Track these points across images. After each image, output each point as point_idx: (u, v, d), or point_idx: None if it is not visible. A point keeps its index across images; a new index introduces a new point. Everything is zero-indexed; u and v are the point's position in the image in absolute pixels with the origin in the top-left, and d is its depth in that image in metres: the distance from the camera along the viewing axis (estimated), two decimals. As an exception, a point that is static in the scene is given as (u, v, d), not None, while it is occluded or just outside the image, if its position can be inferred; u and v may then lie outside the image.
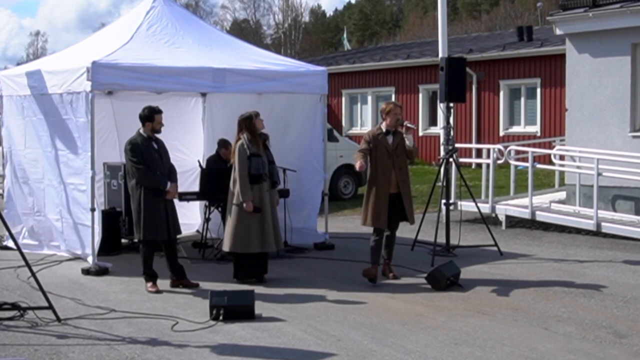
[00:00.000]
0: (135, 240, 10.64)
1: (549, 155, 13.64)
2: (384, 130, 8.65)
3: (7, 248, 10.33)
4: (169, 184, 8.27)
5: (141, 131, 8.37)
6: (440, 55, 12.96)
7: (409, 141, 8.67)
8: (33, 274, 7.22)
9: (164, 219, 8.26)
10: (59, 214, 9.87)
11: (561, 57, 15.82)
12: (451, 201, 11.41)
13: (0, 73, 11.27)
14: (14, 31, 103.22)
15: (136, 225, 8.30)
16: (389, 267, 8.91)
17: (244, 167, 8.41)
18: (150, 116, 8.35)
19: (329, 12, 77.07)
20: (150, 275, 8.33)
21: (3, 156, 11.14)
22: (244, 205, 8.36)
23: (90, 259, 9.19)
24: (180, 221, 8.74)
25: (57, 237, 10.10)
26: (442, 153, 11.07)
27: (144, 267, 8.35)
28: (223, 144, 10.78)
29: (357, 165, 8.42)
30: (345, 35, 40.24)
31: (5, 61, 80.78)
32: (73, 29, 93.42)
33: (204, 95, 11.90)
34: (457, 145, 11.64)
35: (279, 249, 8.89)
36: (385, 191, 8.55)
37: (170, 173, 8.47)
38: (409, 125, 8.68)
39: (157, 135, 8.46)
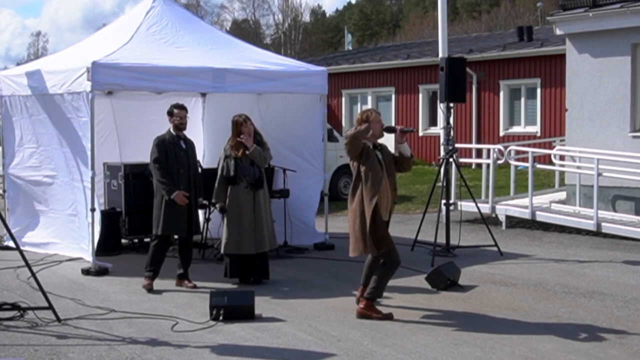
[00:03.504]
0: (135, 240, 10.73)
1: (549, 155, 13.64)
2: (369, 145, 7.10)
3: (7, 248, 10.33)
4: (176, 192, 8.22)
5: (171, 129, 8.55)
6: (440, 55, 12.96)
7: (404, 150, 7.22)
8: (33, 274, 7.22)
9: (183, 216, 8.33)
10: (75, 210, 9.84)
11: (561, 57, 15.83)
12: (451, 201, 11.41)
13: (0, 73, 11.28)
14: (17, 31, 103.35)
15: (155, 220, 8.36)
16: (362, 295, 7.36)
17: (219, 170, 8.64)
18: (170, 111, 8.55)
19: (329, 13, 77.20)
20: (153, 272, 8.32)
21: (3, 156, 11.14)
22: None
23: (90, 259, 9.19)
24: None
25: (70, 233, 10.06)
26: (442, 153, 11.07)
27: (151, 262, 8.33)
28: None
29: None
30: (349, 37, 40.44)
31: (8, 61, 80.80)
32: (78, 29, 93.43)
33: (204, 95, 11.90)
34: (457, 145, 11.64)
35: (260, 251, 8.54)
36: (376, 210, 6.98)
37: (196, 183, 8.57)
38: (405, 129, 7.31)
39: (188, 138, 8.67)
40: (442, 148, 11.10)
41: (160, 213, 8.31)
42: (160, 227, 8.32)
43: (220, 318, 7.00)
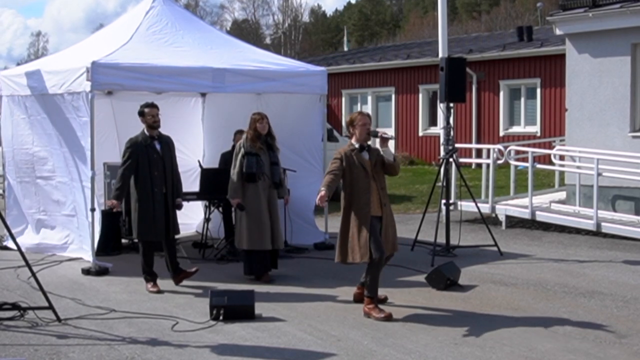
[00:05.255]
0: (135, 240, 10.73)
1: (549, 155, 13.64)
2: (356, 146, 7.36)
3: (7, 248, 10.33)
4: (110, 201, 8.37)
5: (145, 130, 8.43)
6: (440, 55, 12.96)
7: (387, 155, 7.35)
8: (33, 274, 7.22)
9: (160, 220, 8.28)
10: (73, 210, 9.83)
11: (561, 57, 15.82)
12: (451, 201, 11.41)
13: (0, 73, 11.27)
14: (19, 31, 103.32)
15: (133, 224, 8.39)
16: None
17: (236, 165, 8.69)
18: (141, 111, 8.44)
19: (329, 13, 77.19)
20: (151, 275, 8.34)
21: (3, 156, 11.12)
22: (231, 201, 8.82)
23: (90, 259, 9.19)
24: (180, 221, 8.78)
25: (68, 234, 10.05)
26: (442, 153, 11.07)
27: (144, 266, 8.37)
28: (238, 132, 10.80)
29: (318, 198, 7.02)
30: (346, 39, 40.55)
31: (9, 61, 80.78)
32: (80, 29, 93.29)
33: (203, 95, 11.91)
34: (457, 145, 11.63)
35: (276, 248, 8.89)
36: (367, 216, 7.19)
37: (176, 184, 8.53)
38: (385, 135, 7.36)
39: (168, 138, 8.58)
40: (442, 148, 11.10)
41: (135, 218, 8.31)
42: (136, 232, 8.35)
43: (220, 318, 7.00)
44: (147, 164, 8.26)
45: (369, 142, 7.45)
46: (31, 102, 10.24)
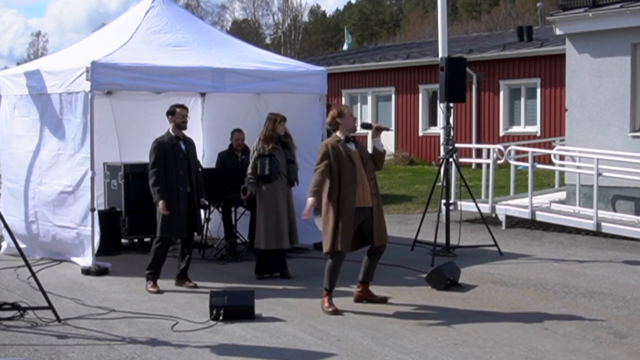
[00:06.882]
0: (135, 240, 10.74)
1: (549, 155, 13.64)
2: (342, 138, 7.42)
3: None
4: (160, 202, 8.19)
5: (170, 130, 8.48)
6: (440, 55, 12.96)
7: (378, 145, 7.57)
8: (33, 274, 7.22)
9: (184, 218, 8.32)
10: (70, 211, 9.80)
11: (561, 57, 15.83)
12: (451, 201, 11.40)
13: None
14: (20, 31, 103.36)
15: (157, 222, 8.35)
16: (368, 292, 7.75)
17: (250, 167, 8.91)
18: (172, 110, 8.49)
19: (329, 13, 77.19)
20: (153, 274, 8.32)
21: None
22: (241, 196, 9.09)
23: (89, 260, 9.17)
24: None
25: (48, 240, 10.00)
26: (442, 153, 11.07)
27: (152, 264, 8.33)
28: (236, 131, 10.81)
29: (308, 207, 7.20)
30: (349, 39, 40.43)
31: (11, 61, 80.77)
32: (82, 29, 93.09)
33: (203, 95, 11.90)
34: (457, 145, 11.63)
35: (293, 245, 9.20)
36: (351, 206, 7.28)
37: (197, 184, 8.55)
38: (380, 126, 7.57)
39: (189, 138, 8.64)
40: (442, 148, 11.10)
41: (160, 216, 8.31)
42: (159, 230, 8.34)
43: (220, 318, 7.00)
44: (174, 163, 8.32)
45: (356, 133, 7.64)
46: (30, 102, 10.20)
